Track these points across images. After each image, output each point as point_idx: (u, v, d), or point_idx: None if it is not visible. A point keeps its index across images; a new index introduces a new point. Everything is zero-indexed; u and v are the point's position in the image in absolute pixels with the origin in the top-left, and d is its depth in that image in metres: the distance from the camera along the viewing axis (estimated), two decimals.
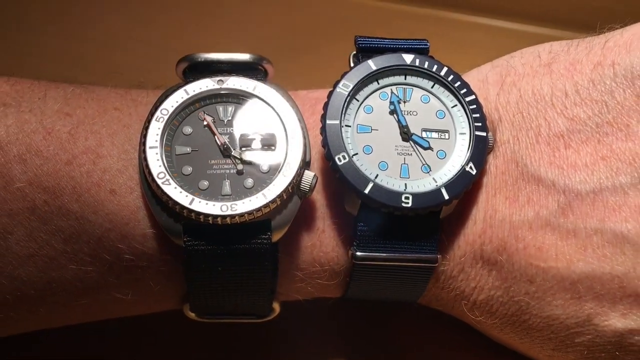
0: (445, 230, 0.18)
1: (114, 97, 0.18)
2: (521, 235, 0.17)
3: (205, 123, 0.17)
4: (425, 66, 0.18)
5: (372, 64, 0.18)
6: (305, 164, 0.17)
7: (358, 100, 0.18)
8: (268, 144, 0.17)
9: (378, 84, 0.18)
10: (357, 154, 0.17)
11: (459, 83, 0.18)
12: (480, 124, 0.17)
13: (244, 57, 0.18)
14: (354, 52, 0.19)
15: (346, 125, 0.17)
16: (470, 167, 0.17)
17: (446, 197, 0.17)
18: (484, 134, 0.17)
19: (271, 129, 0.17)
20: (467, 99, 0.18)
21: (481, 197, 0.18)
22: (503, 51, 0.20)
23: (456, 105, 0.18)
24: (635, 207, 0.16)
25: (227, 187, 0.16)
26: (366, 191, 0.16)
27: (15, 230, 0.16)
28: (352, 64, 0.18)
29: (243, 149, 0.17)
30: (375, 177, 0.17)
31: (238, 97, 0.17)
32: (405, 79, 0.18)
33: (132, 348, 0.21)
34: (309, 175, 0.17)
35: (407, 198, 0.17)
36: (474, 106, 0.18)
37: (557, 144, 0.17)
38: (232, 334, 0.21)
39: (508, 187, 0.18)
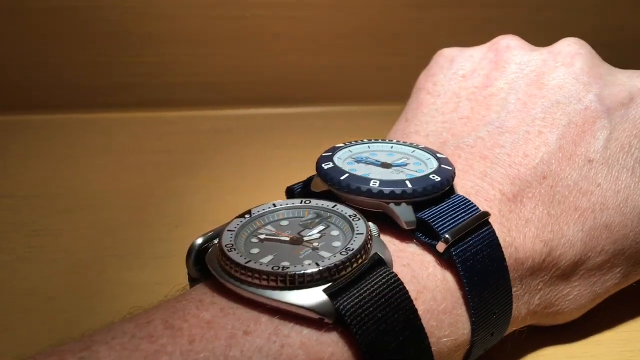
0: None
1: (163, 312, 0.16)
2: (510, 161, 0.22)
3: (262, 237, 0.17)
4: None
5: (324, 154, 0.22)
6: None
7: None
8: (320, 218, 0.18)
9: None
10: None
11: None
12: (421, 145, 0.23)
13: None
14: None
15: None
16: (446, 162, 0.22)
17: (450, 168, 0.21)
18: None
19: (313, 215, 0.19)
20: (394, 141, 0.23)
21: (466, 178, 0.22)
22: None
23: (392, 146, 0.23)
24: (530, 94, 0.24)
25: (325, 253, 0.17)
26: (410, 185, 0.19)
27: None
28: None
29: (308, 233, 0.18)
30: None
31: (262, 217, 0.19)
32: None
33: None
34: (371, 225, 0.18)
35: (433, 176, 0.20)
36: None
37: (461, 122, 0.24)
38: None
39: (472, 160, 0.22)
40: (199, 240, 0.18)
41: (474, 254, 0.19)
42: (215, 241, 0.18)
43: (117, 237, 0.29)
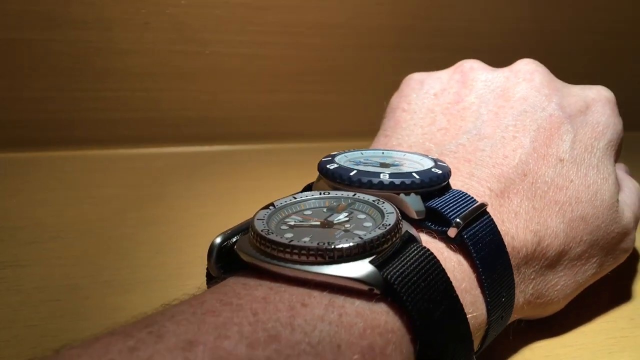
0: None
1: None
2: (493, 162, 0.24)
3: (292, 224, 0.17)
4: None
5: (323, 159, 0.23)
6: None
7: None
8: (344, 205, 0.19)
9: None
10: None
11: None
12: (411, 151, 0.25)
13: None
14: None
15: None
16: (440, 160, 0.23)
17: (445, 164, 0.22)
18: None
19: (335, 204, 0.19)
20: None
21: (455, 179, 0.23)
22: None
23: (383, 152, 0.24)
24: (499, 106, 0.26)
25: (359, 232, 0.17)
26: (417, 177, 0.20)
27: None
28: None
29: (336, 217, 0.18)
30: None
31: (286, 208, 0.19)
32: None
33: None
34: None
35: (434, 169, 0.21)
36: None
37: (440, 133, 0.26)
38: None
39: (457, 163, 0.24)
40: (218, 239, 0.18)
41: (481, 238, 0.20)
42: (234, 239, 0.18)
43: (96, 265, 0.28)
